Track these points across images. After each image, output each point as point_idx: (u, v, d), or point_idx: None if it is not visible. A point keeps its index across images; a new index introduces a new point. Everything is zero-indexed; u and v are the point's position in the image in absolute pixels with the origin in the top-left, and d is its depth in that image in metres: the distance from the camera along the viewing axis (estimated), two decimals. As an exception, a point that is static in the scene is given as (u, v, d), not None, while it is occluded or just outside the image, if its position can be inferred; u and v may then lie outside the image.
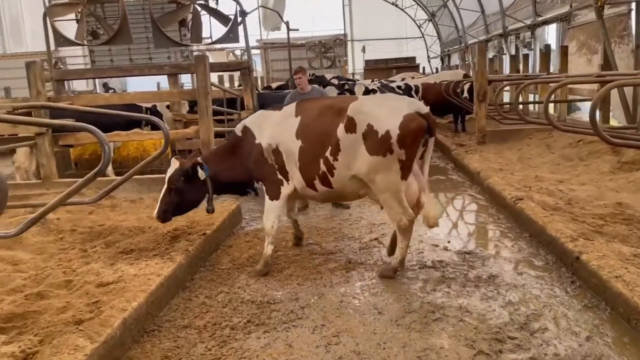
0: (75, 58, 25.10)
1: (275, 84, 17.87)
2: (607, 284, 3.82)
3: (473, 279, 4.50)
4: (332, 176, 4.52)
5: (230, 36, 11.41)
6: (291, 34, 15.59)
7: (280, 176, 4.75)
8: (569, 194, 6.18)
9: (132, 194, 7.11)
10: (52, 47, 10.89)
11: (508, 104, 14.68)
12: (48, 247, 5.13)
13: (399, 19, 35.87)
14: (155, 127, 5.83)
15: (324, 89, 10.83)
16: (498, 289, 4.27)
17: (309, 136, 4.56)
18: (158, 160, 5.11)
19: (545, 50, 14.92)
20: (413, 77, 17.00)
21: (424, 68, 28.53)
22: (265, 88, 16.34)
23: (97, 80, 25.19)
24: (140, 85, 23.50)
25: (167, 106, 10.52)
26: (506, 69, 19.73)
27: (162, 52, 12.55)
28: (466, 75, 14.40)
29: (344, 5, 38.06)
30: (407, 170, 4.33)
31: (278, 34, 29.44)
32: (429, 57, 34.62)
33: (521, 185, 6.72)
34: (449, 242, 5.50)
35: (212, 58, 9.68)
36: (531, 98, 15.23)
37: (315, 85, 8.67)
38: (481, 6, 23.06)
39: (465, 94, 12.34)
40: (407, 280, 4.54)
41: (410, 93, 12.45)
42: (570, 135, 8.91)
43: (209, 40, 12.51)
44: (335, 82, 13.20)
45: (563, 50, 12.67)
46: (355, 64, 35.90)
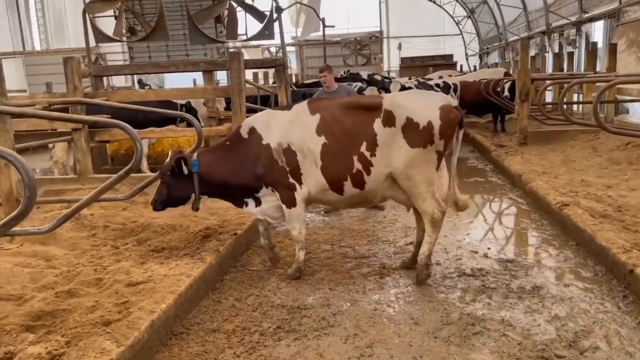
0: (116, 54, 25.61)
1: (310, 81, 17.76)
2: (665, 302, 3.52)
3: (516, 289, 4.24)
4: (369, 174, 4.33)
5: (266, 33, 11.36)
6: (326, 31, 15.48)
7: (292, 180, 4.46)
8: (618, 200, 5.82)
9: (165, 191, 7.07)
10: (92, 43, 11.05)
11: (551, 103, 14.13)
12: (81, 243, 5.14)
13: (436, 15, 35.36)
14: (190, 124, 5.77)
15: (366, 87, 10.66)
16: (543, 301, 4.01)
17: (336, 132, 4.35)
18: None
19: (592, 48, 14.28)
20: (450, 75, 16.62)
21: (461, 66, 27.90)
22: (300, 86, 16.25)
23: (135, 77, 25.68)
24: (178, 82, 23.83)
25: (204, 103, 10.51)
26: (548, 67, 19.08)
27: (199, 49, 12.55)
28: (507, 74, 13.94)
29: (380, 2, 37.70)
30: (440, 161, 4.40)
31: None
32: (467, 54, 33.96)
33: (566, 190, 6.38)
34: (489, 248, 5.24)
35: (247, 55, 9.64)
36: (575, 98, 14.65)
37: (342, 84, 8.48)
38: (523, 3, 22.46)
39: (506, 93, 11.91)
40: (444, 289, 4.31)
41: (449, 91, 12.12)
42: (618, 138, 8.47)
43: (244, 37, 12.49)
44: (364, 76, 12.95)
45: (612, 48, 12.04)
46: (390, 62, 35.53)
